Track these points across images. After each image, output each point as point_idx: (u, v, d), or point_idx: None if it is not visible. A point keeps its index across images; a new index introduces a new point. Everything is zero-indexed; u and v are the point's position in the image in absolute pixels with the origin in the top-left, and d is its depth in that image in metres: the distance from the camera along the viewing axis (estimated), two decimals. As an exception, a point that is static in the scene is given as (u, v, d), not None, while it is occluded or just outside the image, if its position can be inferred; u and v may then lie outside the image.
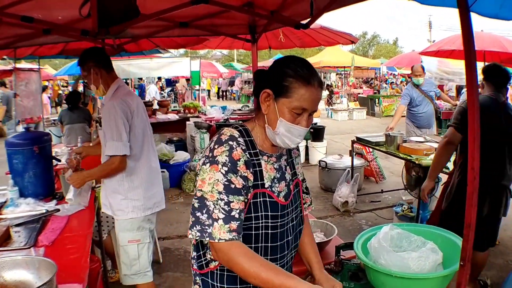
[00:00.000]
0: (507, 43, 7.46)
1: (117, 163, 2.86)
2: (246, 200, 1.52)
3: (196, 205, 1.49)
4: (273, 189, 1.61)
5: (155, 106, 11.85)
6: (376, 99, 19.22)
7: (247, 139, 1.59)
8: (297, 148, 1.85)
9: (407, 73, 21.66)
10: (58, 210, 3.00)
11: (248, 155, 1.55)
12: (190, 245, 1.70)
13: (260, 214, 1.55)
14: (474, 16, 1.65)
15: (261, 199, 1.56)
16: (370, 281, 2.08)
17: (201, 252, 1.65)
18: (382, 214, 6.16)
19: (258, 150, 1.60)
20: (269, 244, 1.59)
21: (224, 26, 4.05)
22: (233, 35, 4.37)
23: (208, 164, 1.50)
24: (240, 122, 1.72)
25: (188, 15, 3.62)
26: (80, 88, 12.27)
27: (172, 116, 10.19)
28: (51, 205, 3.12)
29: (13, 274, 1.81)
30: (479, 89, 3.50)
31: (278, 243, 1.62)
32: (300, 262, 1.95)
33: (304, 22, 2.99)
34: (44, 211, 2.96)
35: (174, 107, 12.39)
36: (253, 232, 1.56)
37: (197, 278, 1.69)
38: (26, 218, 2.82)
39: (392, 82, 24.38)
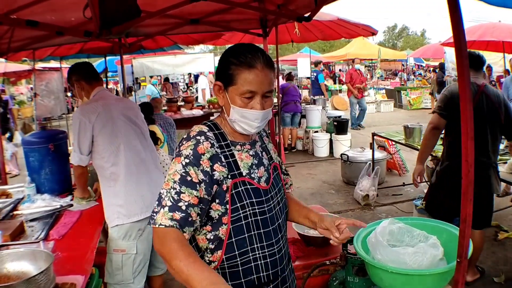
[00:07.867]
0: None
1: (80, 171, 2.98)
2: (201, 196, 1.49)
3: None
4: (252, 175, 1.63)
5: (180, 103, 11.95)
6: (403, 91, 18.78)
7: (216, 132, 1.61)
8: (267, 135, 1.89)
9: (435, 64, 21.01)
10: (71, 205, 3.10)
11: (218, 148, 1.57)
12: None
13: (245, 202, 1.57)
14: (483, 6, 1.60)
15: (242, 187, 1.58)
16: (370, 277, 2.06)
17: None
18: (402, 208, 6.07)
19: (229, 141, 1.62)
20: (262, 231, 1.61)
21: (234, 22, 4.05)
22: (244, 30, 4.36)
23: (174, 158, 1.54)
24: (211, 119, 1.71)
25: (198, 11, 3.65)
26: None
27: (197, 112, 10.29)
28: (66, 200, 3.23)
29: (16, 265, 1.92)
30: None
31: (270, 228, 1.64)
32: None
33: (306, 15, 2.96)
34: (58, 206, 3.06)
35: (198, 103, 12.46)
36: (243, 222, 1.57)
37: None
38: (41, 213, 2.93)
39: (420, 74, 23.59)
